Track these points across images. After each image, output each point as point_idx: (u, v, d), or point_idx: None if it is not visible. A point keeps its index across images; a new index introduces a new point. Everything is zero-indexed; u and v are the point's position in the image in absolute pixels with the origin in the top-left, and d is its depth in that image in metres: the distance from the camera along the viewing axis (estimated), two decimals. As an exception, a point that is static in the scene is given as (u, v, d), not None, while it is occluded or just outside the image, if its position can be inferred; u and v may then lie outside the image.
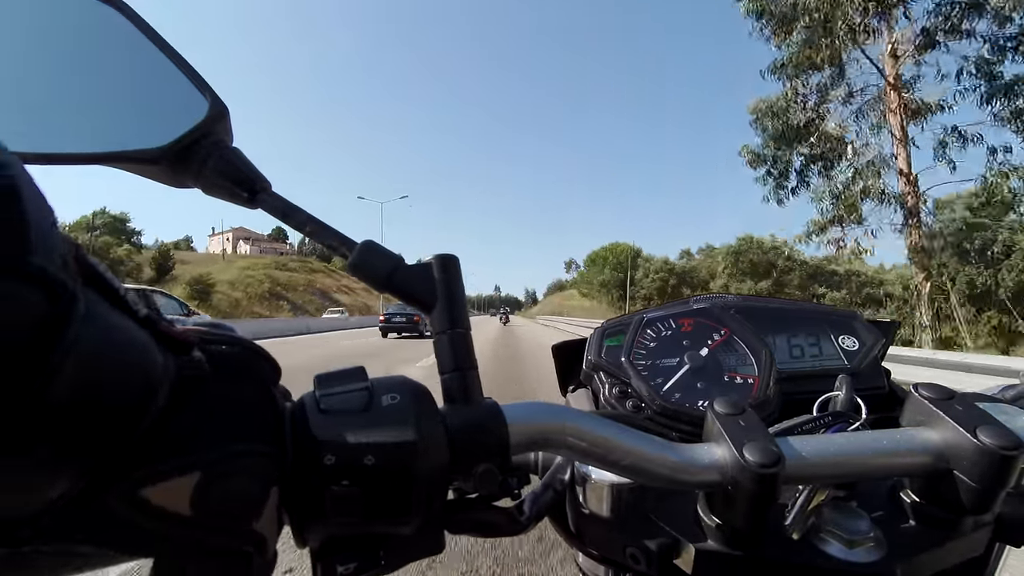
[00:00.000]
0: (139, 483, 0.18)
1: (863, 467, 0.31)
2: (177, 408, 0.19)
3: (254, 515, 0.21)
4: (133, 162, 0.29)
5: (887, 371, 0.56)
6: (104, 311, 0.16)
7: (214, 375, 0.21)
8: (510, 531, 0.32)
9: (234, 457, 0.20)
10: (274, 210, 0.30)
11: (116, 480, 0.18)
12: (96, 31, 0.30)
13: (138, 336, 0.18)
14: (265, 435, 0.22)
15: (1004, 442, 0.29)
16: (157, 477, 0.18)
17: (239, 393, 0.22)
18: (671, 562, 0.33)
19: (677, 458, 0.29)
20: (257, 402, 0.22)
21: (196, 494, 0.19)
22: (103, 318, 0.16)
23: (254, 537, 0.21)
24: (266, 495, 0.21)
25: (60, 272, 0.14)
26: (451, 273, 0.29)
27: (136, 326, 0.18)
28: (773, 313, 0.58)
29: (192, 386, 0.20)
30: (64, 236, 0.15)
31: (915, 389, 0.34)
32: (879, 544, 0.31)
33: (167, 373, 0.19)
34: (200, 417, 0.20)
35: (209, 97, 0.30)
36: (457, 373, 0.28)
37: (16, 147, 0.27)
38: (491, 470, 0.26)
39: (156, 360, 0.18)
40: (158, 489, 0.18)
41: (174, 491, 0.19)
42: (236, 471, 0.20)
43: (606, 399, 0.51)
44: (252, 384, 0.23)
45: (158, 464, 0.19)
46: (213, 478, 0.19)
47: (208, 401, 0.21)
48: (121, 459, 0.18)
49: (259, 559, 0.21)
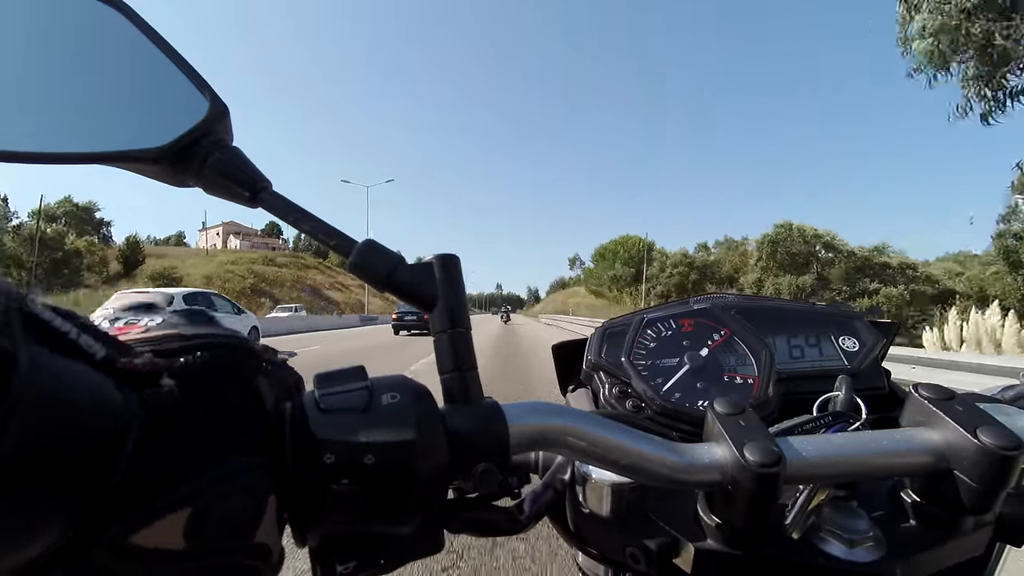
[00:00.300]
0: (127, 530, 0.18)
1: (863, 467, 0.31)
2: (154, 444, 0.19)
3: (253, 530, 0.20)
4: (133, 162, 0.29)
5: (887, 371, 0.56)
6: (51, 363, 0.16)
7: (190, 398, 0.20)
8: (510, 530, 0.32)
9: (223, 479, 0.20)
10: (275, 209, 0.30)
11: (101, 531, 0.17)
12: (96, 31, 0.30)
13: (93, 380, 0.17)
14: (254, 446, 0.21)
15: (1004, 442, 0.29)
16: (145, 521, 0.18)
17: (220, 409, 0.21)
18: (671, 562, 0.33)
19: (677, 458, 0.29)
20: (242, 412, 0.22)
21: (189, 527, 0.19)
22: (49, 370, 0.16)
23: (256, 550, 0.21)
24: (263, 506, 0.21)
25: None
26: (452, 272, 0.29)
27: (91, 370, 0.17)
28: (773, 313, 0.58)
29: (167, 418, 0.19)
30: (7, 291, 0.15)
31: (915, 389, 0.34)
32: (879, 544, 0.31)
33: (132, 411, 0.18)
34: (181, 446, 0.19)
35: (209, 96, 0.30)
36: (457, 373, 0.28)
37: (16, 147, 0.27)
38: (491, 469, 0.26)
39: (116, 402, 0.18)
40: (149, 532, 0.18)
41: (166, 530, 0.18)
42: (228, 493, 0.20)
43: (606, 399, 0.51)
44: (235, 392, 0.22)
45: (144, 507, 0.18)
46: (205, 507, 0.19)
47: (188, 427, 0.20)
48: (103, 508, 0.17)
49: (265, 567, 0.21)
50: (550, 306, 73.69)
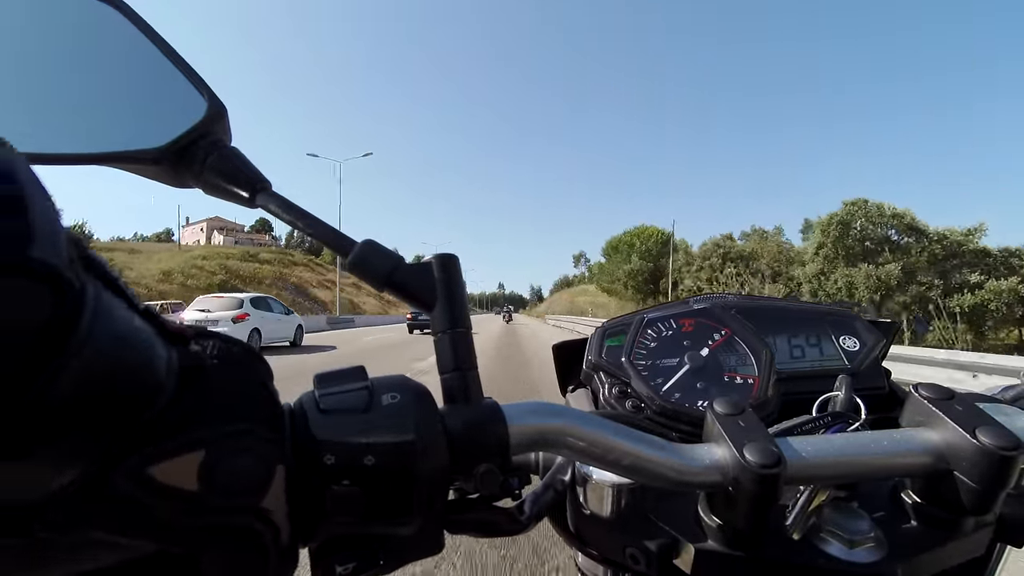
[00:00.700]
0: (145, 461, 0.18)
1: (863, 467, 0.31)
2: (180, 394, 0.20)
3: (260, 492, 0.21)
4: (133, 162, 0.29)
5: (887, 371, 0.56)
6: (111, 305, 0.17)
7: (213, 365, 0.21)
8: (510, 531, 0.32)
9: (237, 436, 0.20)
10: (274, 209, 0.30)
11: (122, 459, 0.18)
12: (96, 31, 0.30)
13: (143, 329, 0.18)
14: (266, 422, 0.22)
15: (1004, 442, 0.29)
16: (163, 455, 0.19)
17: (239, 381, 0.22)
18: (671, 562, 0.33)
19: (677, 458, 0.29)
20: (257, 393, 0.23)
21: (202, 470, 0.19)
22: (110, 312, 0.16)
23: (263, 515, 0.21)
24: (271, 473, 0.21)
25: (67, 270, 0.14)
26: (451, 272, 0.29)
27: (140, 319, 0.18)
28: (773, 313, 0.58)
29: (192, 374, 0.20)
30: (69, 233, 0.15)
31: (915, 389, 0.34)
32: (880, 544, 0.31)
33: (171, 364, 0.19)
34: (202, 400, 0.20)
35: (207, 97, 0.30)
36: (457, 373, 0.28)
37: (16, 148, 0.27)
38: (491, 470, 0.26)
39: (161, 351, 0.19)
40: (164, 467, 0.19)
41: (180, 468, 0.19)
42: (240, 449, 0.20)
43: (606, 399, 0.51)
44: (251, 378, 0.23)
45: (163, 443, 0.19)
46: (217, 455, 0.20)
47: (210, 386, 0.21)
48: (127, 440, 0.18)
49: (272, 541, 0.21)
50: (557, 305, 69.87)
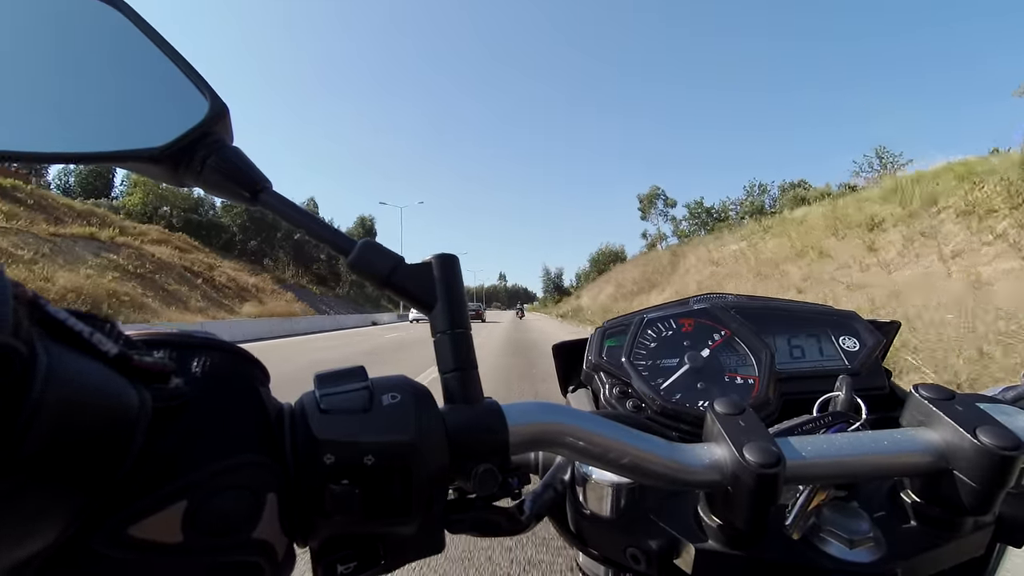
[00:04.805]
0: (125, 523, 0.18)
1: (863, 467, 0.31)
2: (158, 440, 0.19)
3: (251, 525, 0.21)
4: (134, 161, 0.29)
5: (888, 371, 0.56)
6: (69, 361, 0.16)
7: (197, 397, 0.21)
8: (510, 531, 0.32)
9: (220, 475, 0.20)
10: (275, 209, 0.30)
11: (100, 524, 0.18)
12: (96, 31, 0.30)
13: (108, 377, 0.18)
14: (254, 445, 0.22)
15: (1004, 442, 0.29)
16: (142, 513, 0.18)
17: (223, 408, 0.22)
18: (671, 562, 0.33)
19: (677, 458, 0.29)
20: (244, 413, 0.22)
21: (185, 520, 0.19)
22: (67, 369, 0.16)
23: (257, 546, 0.21)
24: (262, 503, 0.21)
25: (10, 339, 0.14)
26: (451, 272, 0.29)
27: (105, 368, 0.18)
28: (774, 313, 0.58)
29: (172, 415, 0.20)
30: (18, 292, 0.15)
31: (915, 389, 0.34)
32: (879, 544, 0.31)
33: (143, 408, 0.19)
34: (183, 443, 0.20)
35: (209, 96, 0.30)
36: (457, 373, 0.28)
37: (17, 147, 0.27)
38: (491, 470, 0.26)
39: (130, 398, 0.18)
40: (146, 524, 0.18)
41: (163, 523, 0.19)
42: (224, 488, 0.20)
43: (606, 399, 0.51)
44: (238, 394, 0.22)
45: (141, 500, 0.18)
46: (199, 501, 0.19)
47: (191, 424, 0.20)
48: (104, 501, 0.18)
49: (269, 566, 0.21)
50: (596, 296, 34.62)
